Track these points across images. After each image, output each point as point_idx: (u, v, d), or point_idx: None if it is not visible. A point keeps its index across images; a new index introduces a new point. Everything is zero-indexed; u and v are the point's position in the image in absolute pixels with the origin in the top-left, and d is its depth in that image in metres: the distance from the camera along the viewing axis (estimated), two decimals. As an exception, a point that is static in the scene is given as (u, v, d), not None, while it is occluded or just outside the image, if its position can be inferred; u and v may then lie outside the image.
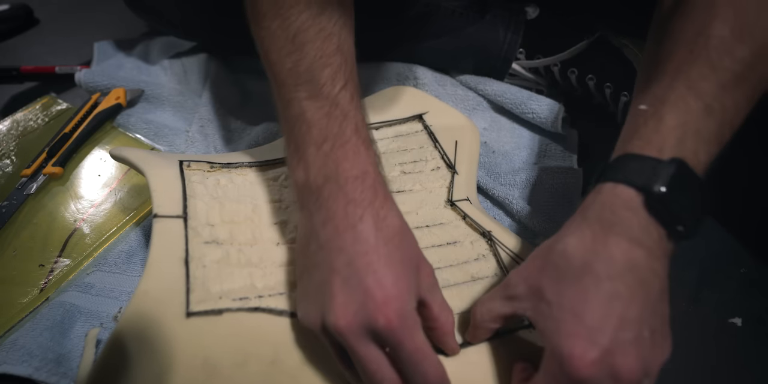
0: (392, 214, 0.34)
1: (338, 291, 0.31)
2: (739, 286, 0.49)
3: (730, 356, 0.44)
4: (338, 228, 0.33)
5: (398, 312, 0.30)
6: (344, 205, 0.33)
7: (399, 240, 0.33)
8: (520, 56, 0.63)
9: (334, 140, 0.34)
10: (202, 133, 0.59)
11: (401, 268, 0.32)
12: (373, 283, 0.31)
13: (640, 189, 0.31)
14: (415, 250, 0.35)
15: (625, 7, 0.61)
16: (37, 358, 0.39)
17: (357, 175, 0.34)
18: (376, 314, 0.30)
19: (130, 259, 0.47)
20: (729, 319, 0.46)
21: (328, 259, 0.32)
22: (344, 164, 0.34)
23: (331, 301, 0.31)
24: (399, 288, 0.31)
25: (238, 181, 0.44)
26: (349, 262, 0.31)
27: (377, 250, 0.32)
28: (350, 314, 0.30)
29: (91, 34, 0.76)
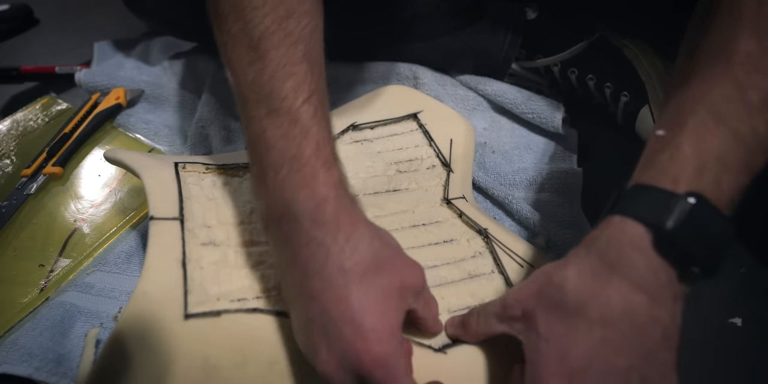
0: (362, 243, 0.31)
1: (318, 341, 0.30)
2: (739, 286, 0.49)
3: (730, 356, 0.44)
4: (305, 273, 0.31)
5: (380, 360, 0.29)
6: (306, 245, 0.31)
7: (373, 270, 0.31)
8: (520, 56, 0.63)
9: (291, 164, 0.32)
10: (202, 133, 0.59)
11: (378, 306, 0.30)
12: (351, 333, 0.29)
13: (650, 226, 0.28)
14: (393, 269, 0.32)
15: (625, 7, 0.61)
16: (37, 358, 0.39)
17: (317, 205, 0.31)
18: (357, 365, 0.29)
19: (130, 259, 0.47)
20: (729, 319, 0.46)
21: (302, 304, 0.31)
22: (302, 193, 0.31)
23: (316, 350, 0.30)
24: (378, 333, 0.29)
25: (233, 182, 0.44)
26: (323, 311, 0.30)
27: (348, 295, 0.30)
28: (333, 365, 0.30)
29: (91, 34, 0.76)
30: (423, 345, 0.37)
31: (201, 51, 0.68)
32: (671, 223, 0.28)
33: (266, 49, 0.33)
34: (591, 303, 0.28)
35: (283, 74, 0.33)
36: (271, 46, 0.33)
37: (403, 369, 0.30)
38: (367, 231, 0.32)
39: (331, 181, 0.32)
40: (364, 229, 0.32)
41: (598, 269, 0.29)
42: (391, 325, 0.31)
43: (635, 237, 0.29)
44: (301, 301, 0.31)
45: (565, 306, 0.29)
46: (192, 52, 0.69)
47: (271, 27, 0.33)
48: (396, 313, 0.31)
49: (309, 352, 0.31)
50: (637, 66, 0.56)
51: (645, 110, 0.57)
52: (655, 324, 0.28)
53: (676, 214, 0.28)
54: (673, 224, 0.28)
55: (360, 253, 0.31)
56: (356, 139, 0.52)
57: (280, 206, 0.32)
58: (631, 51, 0.57)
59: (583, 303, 0.28)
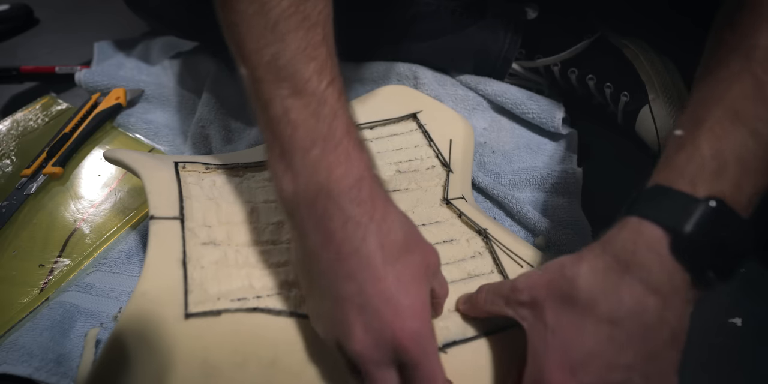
0: (395, 223, 0.32)
1: (355, 320, 0.30)
2: (739, 286, 0.49)
3: (730, 356, 0.44)
4: (340, 252, 0.30)
5: (416, 337, 0.29)
6: (343, 224, 0.30)
7: (405, 250, 0.31)
8: (520, 56, 0.63)
9: (324, 144, 0.31)
10: (202, 133, 0.59)
11: (413, 284, 0.31)
12: (390, 312, 0.29)
13: (668, 229, 0.28)
14: (420, 248, 0.33)
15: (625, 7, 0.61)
16: (37, 358, 0.39)
17: (352, 184, 0.31)
18: (395, 342, 0.29)
19: (130, 259, 0.47)
20: (729, 319, 0.46)
21: (336, 286, 0.30)
22: (337, 171, 0.31)
23: (350, 330, 0.30)
24: (414, 310, 0.30)
25: (234, 182, 0.44)
26: (361, 291, 0.30)
27: (386, 274, 0.30)
28: (370, 342, 0.29)
29: (91, 34, 0.76)
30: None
31: (201, 51, 0.68)
32: (689, 228, 0.27)
33: (285, 32, 0.31)
34: (602, 300, 0.28)
35: (304, 57, 0.31)
36: (290, 28, 0.31)
37: (435, 345, 0.31)
38: (397, 212, 0.33)
39: (364, 162, 0.32)
40: (394, 209, 0.33)
41: (612, 268, 0.29)
42: (423, 302, 0.31)
43: (652, 239, 0.28)
44: (335, 281, 0.31)
45: (575, 300, 0.29)
46: (192, 52, 0.69)
47: (288, 10, 0.32)
48: (426, 291, 0.32)
49: (341, 331, 0.31)
50: (637, 66, 0.56)
51: (645, 110, 0.57)
52: (664, 326, 0.28)
53: (695, 218, 0.27)
54: (692, 229, 0.27)
55: (394, 233, 0.31)
56: (356, 139, 0.52)
57: (312, 187, 0.31)
58: (631, 51, 0.57)
59: (593, 299, 0.29)
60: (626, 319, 0.28)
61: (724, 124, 0.29)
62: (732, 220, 0.28)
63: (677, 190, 0.29)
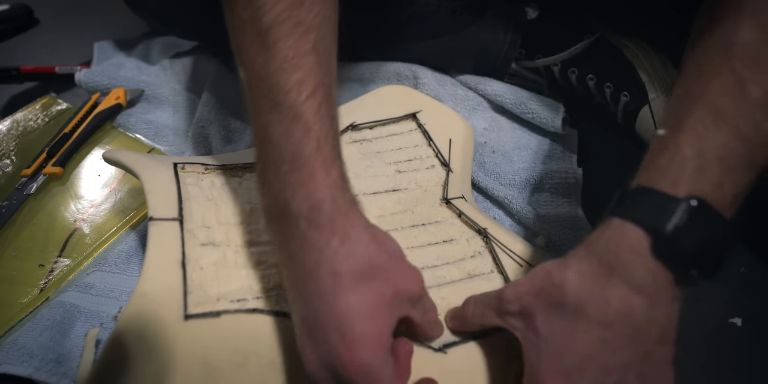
0: (357, 248, 0.31)
1: (306, 342, 0.30)
2: (739, 286, 0.49)
3: (730, 356, 0.44)
4: (297, 273, 0.31)
5: (363, 366, 0.29)
6: (300, 246, 0.31)
7: (366, 277, 0.30)
8: (520, 56, 0.63)
9: (291, 163, 0.31)
10: (202, 133, 0.59)
11: (368, 310, 0.30)
12: (336, 340, 0.29)
13: (649, 230, 0.28)
14: (388, 275, 0.31)
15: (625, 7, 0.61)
16: (37, 358, 0.39)
17: (312, 206, 0.30)
18: (339, 370, 0.29)
19: (130, 259, 0.48)
20: (729, 319, 0.46)
21: (296, 305, 0.32)
22: (299, 193, 0.31)
23: (303, 349, 0.31)
24: (364, 338, 0.29)
25: (233, 182, 0.44)
26: (313, 313, 0.30)
27: (337, 300, 0.29)
28: (318, 365, 0.30)
29: (91, 34, 0.76)
30: (423, 344, 0.37)
31: (201, 51, 0.68)
32: (670, 228, 0.28)
33: (275, 39, 0.31)
34: (590, 304, 0.29)
35: (290, 66, 0.31)
36: (281, 35, 0.32)
37: (390, 376, 0.30)
38: (364, 235, 0.32)
39: (328, 182, 0.31)
40: (361, 232, 0.31)
41: (597, 271, 0.29)
42: (380, 332, 0.30)
43: (634, 240, 0.29)
44: (296, 300, 0.32)
45: (564, 306, 0.29)
46: (192, 52, 0.69)
47: (283, 15, 0.31)
48: (386, 321, 0.31)
49: (299, 347, 0.31)
50: (637, 66, 0.56)
51: (645, 110, 0.57)
52: (653, 325, 0.28)
53: (675, 218, 0.28)
54: (672, 228, 0.28)
55: (354, 259, 0.30)
56: (355, 139, 0.52)
57: (279, 204, 0.32)
58: (631, 51, 0.57)
59: (582, 303, 0.29)
60: (615, 321, 0.28)
61: (705, 122, 0.29)
62: (713, 218, 0.28)
63: (658, 190, 0.29)
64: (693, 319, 0.46)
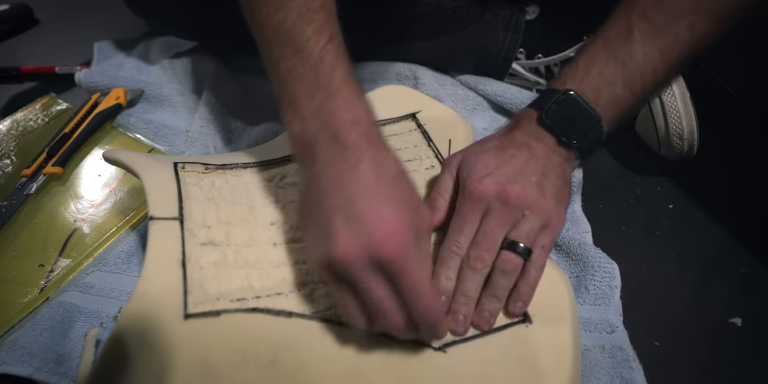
0: (389, 158, 0.36)
1: (341, 226, 0.32)
2: (739, 286, 0.49)
3: (730, 356, 0.44)
4: (338, 170, 0.34)
5: (400, 244, 0.32)
6: (342, 150, 0.34)
7: (397, 181, 0.35)
8: (520, 56, 0.63)
9: (326, 91, 0.35)
10: (202, 133, 0.59)
11: (401, 207, 0.34)
12: (376, 219, 0.32)
13: (538, 109, 0.42)
14: (412, 193, 0.36)
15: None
16: (37, 358, 0.39)
17: (352, 122, 0.35)
18: (379, 246, 0.31)
19: (130, 259, 0.47)
20: (729, 319, 0.46)
21: (329, 199, 0.34)
22: (337, 113, 0.35)
23: (335, 236, 0.32)
24: (399, 224, 0.33)
25: (233, 182, 0.44)
26: (350, 200, 0.33)
27: (377, 189, 0.33)
28: (354, 247, 0.32)
29: (91, 34, 0.76)
30: (423, 344, 0.37)
31: (201, 51, 0.68)
32: (547, 106, 0.41)
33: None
34: (503, 141, 0.42)
35: (305, 20, 0.36)
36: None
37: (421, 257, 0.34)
38: (392, 154, 0.36)
39: (361, 107, 0.36)
40: (389, 151, 0.36)
41: (506, 130, 0.44)
42: (409, 225, 0.33)
43: (527, 114, 0.42)
44: (330, 194, 0.34)
45: (487, 146, 0.42)
46: (192, 52, 0.69)
47: None
48: (411, 223, 0.34)
49: (328, 240, 0.32)
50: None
51: (645, 110, 0.57)
52: (546, 159, 0.40)
53: (551, 101, 0.41)
54: (548, 107, 0.41)
55: (387, 164, 0.35)
56: (356, 139, 0.52)
57: (317, 125, 0.35)
58: (631, 51, 0.57)
59: (498, 141, 0.42)
60: (519, 147, 0.41)
61: (599, 50, 0.41)
62: (578, 105, 0.40)
63: (553, 88, 0.42)
64: (693, 319, 0.46)
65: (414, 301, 0.32)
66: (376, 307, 0.33)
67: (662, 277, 0.49)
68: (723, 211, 0.55)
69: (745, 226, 0.54)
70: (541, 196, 0.39)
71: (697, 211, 0.55)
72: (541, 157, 0.40)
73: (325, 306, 0.38)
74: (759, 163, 0.59)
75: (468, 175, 0.40)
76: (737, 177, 0.59)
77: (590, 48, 0.42)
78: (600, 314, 0.43)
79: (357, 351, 0.36)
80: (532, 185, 0.39)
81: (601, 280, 0.45)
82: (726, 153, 0.60)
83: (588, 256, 0.46)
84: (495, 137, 0.44)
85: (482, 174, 0.39)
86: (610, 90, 0.40)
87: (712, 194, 0.57)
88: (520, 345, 0.38)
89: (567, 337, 0.39)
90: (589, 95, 0.40)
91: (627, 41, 0.40)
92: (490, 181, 0.39)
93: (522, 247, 0.38)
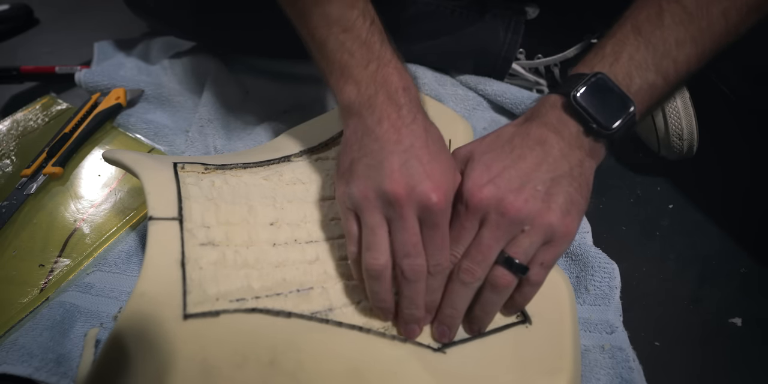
0: (434, 125, 0.39)
1: (397, 168, 0.35)
2: (739, 286, 0.49)
3: (730, 356, 0.44)
4: (394, 125, 0.37)
5: (444, 200, 0.35)
6: (397, 109, 0.37)
7: (444, 148, 0.38)
8: (520, 56, 0.63)
9: (378, 61, 0.39)
10: (202, 133, 0.59)
11: (448, 172, 0.37)
12: (428, 172, 0.35)
13: (563, 94, 0.38)
14: (451, 158, 0.39)
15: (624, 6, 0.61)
16: (37, 358, 0.39)
17: (404, 87, 0.38)
18: (428, 194, 0.34)
19: (130, 259, 0.48)
20: (729, 319, 0.46)
21: (386, 146, 0.36)
22: (391, 78, 0.38)
23: (391, 174, 0.35)
24: (444, 182, 0.36)
25: (233, 182, 0.44)
26: (406, 150, 0.36)
27: (428, 146, 0.36)
28: (407, 186, 0.35)
29: (91, 34, 0.76)
30: (422, 345, 0.37)
31: (201, 51, 0.68)
32: (576, 91, 0.37)
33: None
34: (516, 136, 0.39)
35: (347, 5, 0.39)
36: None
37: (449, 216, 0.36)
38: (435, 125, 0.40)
39: (410, 77, 0.40)
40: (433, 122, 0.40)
41: (525, 121, 0.40)
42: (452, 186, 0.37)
43: (552, 101, 0.39)
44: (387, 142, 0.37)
45: (498, 142, 0.39)
46: (192, 52, 0.69)
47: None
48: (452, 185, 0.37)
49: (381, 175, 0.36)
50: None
51: (645, 110, 0.56)
52: (563, 158, 0.37)
53: (581, 85, 0.37)
54: (577, 91, 0.37)
55: (434, 128, 0.39)
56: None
57: (372, 89, 0.38)
58: (631, 51, 0.57)
59: (511, 137, 0.39)
60: (532, 145, 0.37)
61: (628, 35, 0.39)
62: (610, 89, 0.37)
63: (579, 72, 0.39)
64: (693, 319, 0.46)
65: (436, 252, 0.36)
66: (410, 248, 0.35)
67: (662, 277, 0.49)
68: (723, 211, 0.55)
69: (745, 226, 0.54)
70: (546, 208, 0.35)
71: (696, 211, 0.55)
72: (556, 156, 0.37)
73: (324, 306, 0.38)
74: (759, 163, 0.59)
75: (468, 177, 0.38)
76: (737, 177, 0.59)
77: (617, 32, 0.39)
78: (600, 314, 0.43)
79: (356, 351, 0.36)
80: (538, 195, 0.35)
81: (601, 280, 0.45)
82: (726, 153, 0.60)
83: (588, 256, 0.46)
84: (509, 130, 0.40)
85: (484, 180, 0.36)
86: (643, 76, 0.38)
87: (712, 194, 0.57)
88: (520, 345, 0.38)
89: (567, 337, 0.39)
90: (621, 80, 0.38)
91: (658, 26, 0.38)
92: (490, 190, 0.36)
93: (518, 264, 0.36)
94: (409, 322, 0.37)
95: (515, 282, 0.36)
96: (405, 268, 0.35)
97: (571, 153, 0.37)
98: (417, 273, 0.36)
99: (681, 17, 0.38)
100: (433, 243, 0.36)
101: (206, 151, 0.57)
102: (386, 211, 0.36)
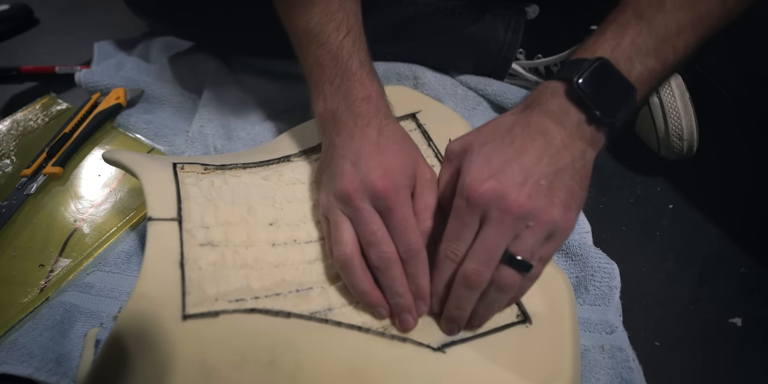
0: (393, 125, 0.42)
1: (347, 170, 0.39)
2: (739, 286, 0.49)
3: (730, 356, 0.44)
4: (350, 133, 0.40)
5: (392, 184, 0.37)
6: (354, 119, 0.41)
7: (399, 142, 0.41)
8: (520, 56, 0.63)
9: (343, 75, 0.42)
10: (202, 133, 0.59)
11: (398, 161, 0.39)
12: (375, 165, 0.38)
13: (565, 81, 0.37)
14: (414, 152, 0.41)
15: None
16: (37, 358, 0.39)
17: (363, 97, 0.41)
18: (374, 183, 0.37)
19: (129, 259, 0.48)
20: (729, 319, 0.46)
21: (342, 152, 0.40)
22: (353, 91, 0.41)
23: (342, 176, 0.39)
24: (394, 171, 0.38)
25: (232, 182, 0.44)
26: (356, 152, 0.39)
27: (378, 145, 0.39)
28: (356, 183, 0.38)
29: (91, 34, 0.76)
30: (422, 344, 0.37)
31: (201, 51, 0.68)
32: (578, 77, 0.36)
33: (312, 5, 0.43)
34: (516, 126, 0.37)
35: (325, 20, 0.43)
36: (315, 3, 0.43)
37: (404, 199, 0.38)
38: (398, 124, 0.43)
39: (374, 87, 0.43)
40: (397, 122, 0.43)
41: (525, 109, 0.38)
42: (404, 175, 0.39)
43: (553, 88, 0.37)
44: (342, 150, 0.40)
45: (497, 132, 0.38)
46: (192, 52, 0.69)
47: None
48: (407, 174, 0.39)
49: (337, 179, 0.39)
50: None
51: (645, 110, 0.57)
52: (565, 150, 0.36)
53: (583, 71, 0.36)
54: (579, 77, 0.36)
55: (391, 129, 0.41)
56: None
57: (336, 102, 0.42)
58: (631, 51, 0.57)
59: (511, 127, 0.37)
60: (534, 135, 0.36)
61: (629, 20, 0.38)
62: (613, 74, 0.36)
63: (580, 58, 0.38)
64: (693, 319, 0.46)
65: (400, 235, 0.37)
66: (369, 236, 0.37)
67: (662, 277, 0.49)
68: (723, 211, 0.55)
69: (745, 226, 0.54)
70: (549, 203, 0.34)
71: (696, 211, 0.55)
72: (558, 148, 0.35)
73: (323, 306, 0.38)
74: (758, 163, 0.59)
75: (468, 171, 0.36)
76: (737, 177, 0.59)
77: (618, 17, 0.39)
78: (600, 314, 0.43)
79: (355, 351, 0.36)
80: (541, 190, 0.34)
81: (601, 280, 0.45)
82: (725, 153, 0.60)
83: (588, 257, 0.46)
84: (508, 119, 0.38)
85: (485, 174, 0.35)
86: (643, 61, 0.37)
87: (712, 194, 0.57)
88: (520, 345, 0.38)
89: (567, 337, 0.39)
90: (622, 65, 0.37)
91: (659, 11, 0.38)
92: (492, 185, 0.34)
93: (523, 262, 0.35)
94: (400, 313, 0.38)
95: (520, 280, 0.36)
96: (372, 257, 0.37)
97: (573, 144, 0.36)
98: (384, 260, 0.37)
99: (681, 2, 0.38)
100: (394, 228, 0.37)
101: (206, 151, 0.57)
102: (344, 209, 0.39)
